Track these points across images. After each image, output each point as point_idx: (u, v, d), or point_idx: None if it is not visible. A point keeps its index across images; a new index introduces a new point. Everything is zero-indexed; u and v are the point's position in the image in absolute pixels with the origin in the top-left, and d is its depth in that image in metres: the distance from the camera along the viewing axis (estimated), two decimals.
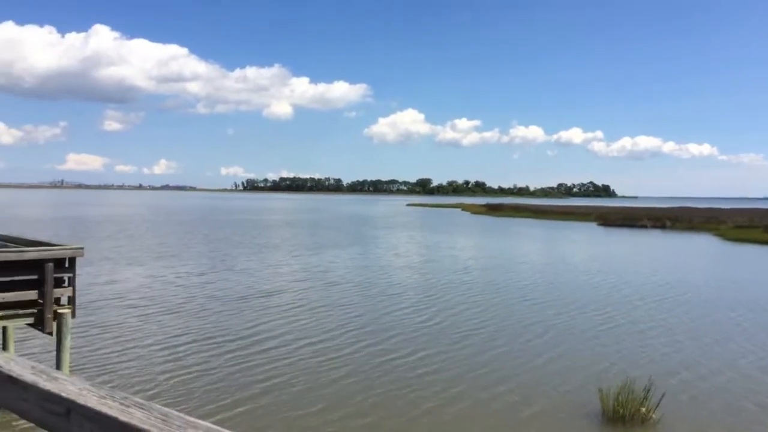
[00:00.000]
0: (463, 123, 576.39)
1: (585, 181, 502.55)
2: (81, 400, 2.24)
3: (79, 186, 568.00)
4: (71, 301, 10.59)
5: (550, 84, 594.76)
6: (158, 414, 2.03)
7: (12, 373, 2.73)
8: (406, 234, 56.34)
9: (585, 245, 47.13)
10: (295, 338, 15.30)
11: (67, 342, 10.33)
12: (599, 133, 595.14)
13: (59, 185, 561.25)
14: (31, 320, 10.37)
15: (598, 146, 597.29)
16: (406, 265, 31.38)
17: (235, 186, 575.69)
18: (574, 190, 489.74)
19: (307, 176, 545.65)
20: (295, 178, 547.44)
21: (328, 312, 18.57)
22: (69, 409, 2.29)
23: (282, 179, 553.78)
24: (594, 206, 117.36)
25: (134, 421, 1.97)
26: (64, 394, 2.34)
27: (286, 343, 14.83)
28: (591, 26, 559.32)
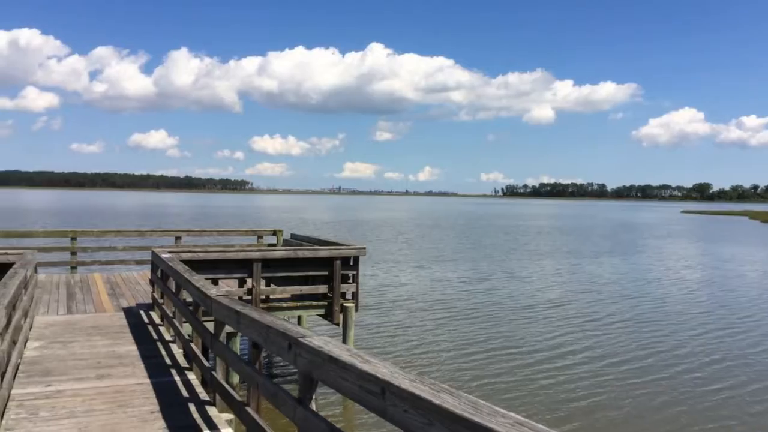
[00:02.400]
0: (751, 121, 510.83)
1: None
2: (395, 381, 2.50)
3: (354, 192, 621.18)
4: (355, 296, 11.67)
5: None
6: (467, 401, 2.18)
7: (332, 354, 3.15)
8: (691, 244, 51.20)
9: None
10: (597, 355, 14.17)
11: (352, 333, 11.40)
12: None
13: (337, 191, 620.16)
14: (321, 311, 11.66)
15: None
16: (704, 279, 28.20)
17: (495, 192, 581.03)
18: None
19: (569, 181, 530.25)
20: (555, 183, 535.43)
21: (625, 328, 17.19)
22: (384, 388, 2.57)
23: (542, 185, 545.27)
24: None
25: (446, 405, 2.15)
26: (379, 375, 2.63)
27: (588, 359, 13.83)
28: None
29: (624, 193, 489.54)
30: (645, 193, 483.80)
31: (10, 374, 5.99)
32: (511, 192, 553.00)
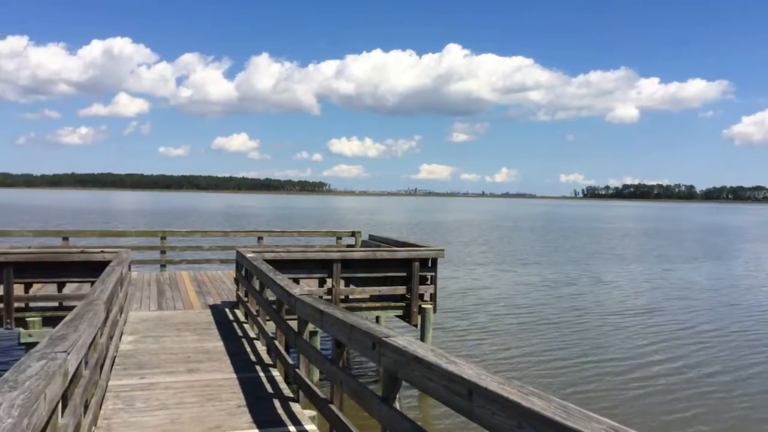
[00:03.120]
0: None
1: None
2: (482, 383, 2.49)
3: (429, 194, 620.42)
4: (433, 297, 11.66)
5: None
6: (557, 405, 2.15)
7: (417, 354, 3.17)
8: None
9: None
10: (694, 365, 13.30)
11: (429, 335, 11.40)
12: None
13: (413, 193, 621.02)
14: (399, 312, 11.72)
15: None
16: None
17: (575, 193, 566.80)
18: None
19: (654, 183, 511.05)
20: (639, 185, 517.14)
21: (724, 337, 16.11)
22: (471, 390, 2.57)
23: (625, 186, 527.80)
24: None
25: (536, 408, 2.13)
26: (465, 376, 2.63)
27: (684, 369, 13.01)
28: None
29: (714, 195, 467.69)
30: (737, 194, 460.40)
31: (108, 366, 6.33)
32: (592, 193, 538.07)
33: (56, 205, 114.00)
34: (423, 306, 11.44)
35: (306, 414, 5.62)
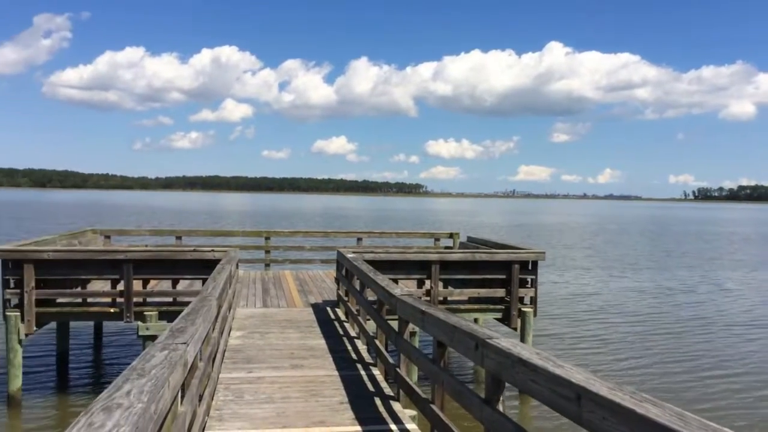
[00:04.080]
0: None
1: None
2: (592, 388, 2.44)
3: (528, 195, 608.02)
4: (533, 301, 11.44)
5: None
6: (672, 412, 2.07)
7: (522, 356, 3.13)
8: None
9: None
10: None
11: (530, 339, 11.19)
12: None
13: (510, 195, 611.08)
14: (498, 315, 11.57)
15: None
16: None
17: (685, 195, 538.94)
18: None
19: None
20: (757, 186, 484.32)
21: None
22: (579, 394, 2.52)
23: (741, 188, 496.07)
24: None
25: (650, 415, 2.06)
26: (573, 380, 2.58)
27: None
28: None
29: None
30: None
31: (219, 359, 6.65)
32: (703, 195, 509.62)
33: (169, 206, 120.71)
34: (523, 309, 11.25)
35: (407, 413, 5.67)
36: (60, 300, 10.70)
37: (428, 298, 10.91)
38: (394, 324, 6.33)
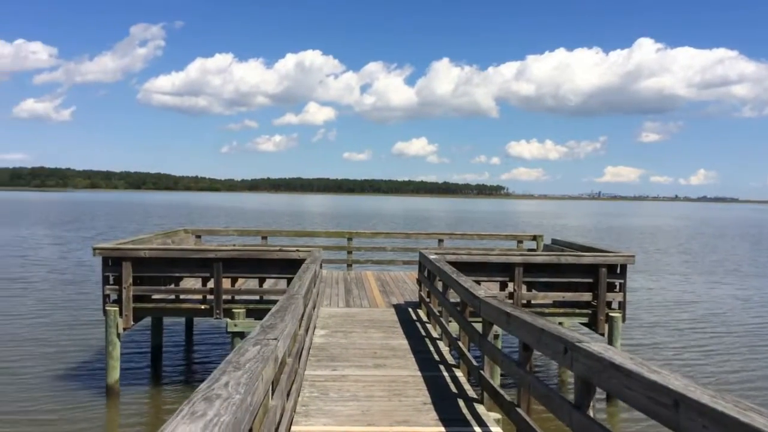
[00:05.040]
0: None
1: None
2: (691, 395, 2.34)
3: (615, 197, 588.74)
4: (622, 306, 11.07)
5: None
6: None
7: (614, 361, 3.05)
8: None
9: None
10: None
11: (618, 345, 10.82)
12: None
13: (596, 197, 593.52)
14: (584, 320, 11.26)
15: None
16: None
17: None
18: None
19: None
20: None
21: None
22: (677, 401, 2.42)
23: None
24: None
25: (756, 424, 1.96)
26: (671, 387, 2.49)
27: None
28: None
29: None
30: None
31: (305, 357, 6.80)
32: None
33: (254, 207, 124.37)
34: (611, 314, 10.91)
35: (491, 416, 5.61)
36: (155, 296, 11.22)
37: (511, 301, 10.76)
38: (478, 326, 6.28)
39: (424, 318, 10.46)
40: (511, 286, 10.99)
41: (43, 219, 69.09)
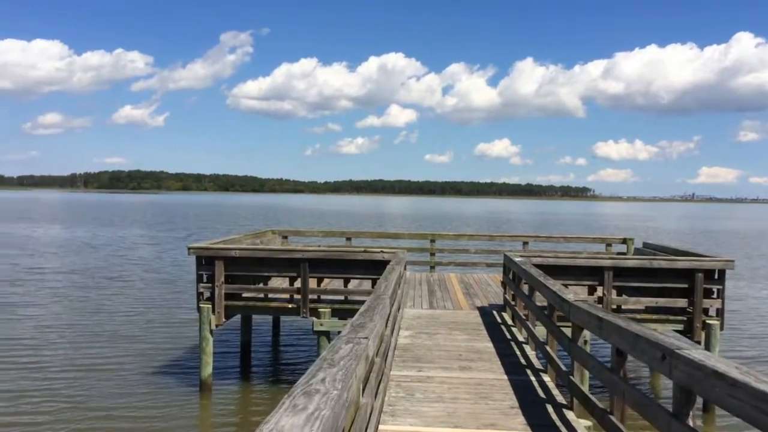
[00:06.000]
0: None
1: None
2: None
3: (710, 199, 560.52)
4: (720, 313, 10.55)
5: None
6: None
7: (717, 369, 2.92)
8: None
9: None
10: None
11: (716, 353, 10.32)
12: None
13: (690, 198, 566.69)
14: (679, 327, 10.79)
15: None
16: None
17: None
18: None
19: None
20: None
21: None
22: None
23: None
24: None
25: None
26: None
27: None
28: None
29: None
30: None
31: (390, 357, 6.86)
32: None
33: (336, 209, 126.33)
34: (708, 321, 10.41)
35: (581, 423, 5.48)
36: (245, 295, 11.60)
37: (600, 306, 10.45)
38: (567, 330, 6.15)
39: (509, 321, 10.33)
40: (600, 291, 10.70)
41: (138, 220, 72.82)
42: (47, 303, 19.22)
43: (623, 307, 10.90)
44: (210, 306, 11.02)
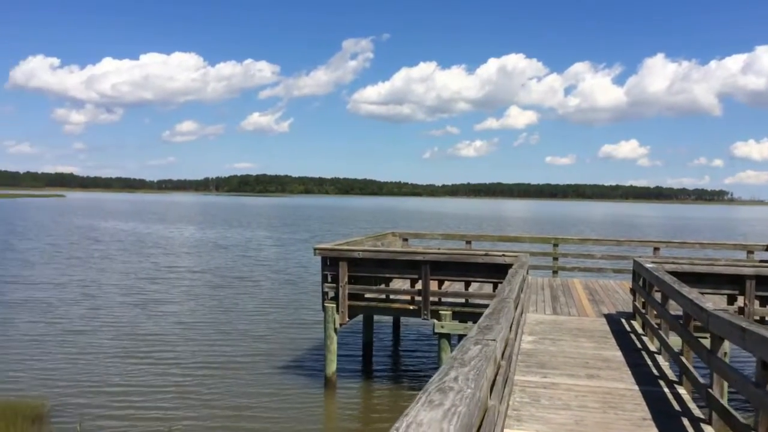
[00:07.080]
0: None
1: None
2: None
3: None
4: None
5: None
6: None
7: None
8: None
9: None
10: None
11: None
12: None
13: None
14: None
15: None
16: None
17: None
18: None
19: None
20: None
21: None
22: None
23: None
24: None
25: None
26: None
27: None
28: None
29: None
30: None
31: (514, 361, 6.77)
32: None
33: (454, 212, 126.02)
34: None
35: None
36: (367, 295, 11.87)
37: (742, 316, 9.76)
38: (705, 341, 5.80)
39: (639, 330, 9.87)
40: (740, 300, 10.00)
41: (265, 222, 76.35)
42: (183, 300, 20.61)
43: (767, 318, 10.12)
44: (334, 305, 11.37)
